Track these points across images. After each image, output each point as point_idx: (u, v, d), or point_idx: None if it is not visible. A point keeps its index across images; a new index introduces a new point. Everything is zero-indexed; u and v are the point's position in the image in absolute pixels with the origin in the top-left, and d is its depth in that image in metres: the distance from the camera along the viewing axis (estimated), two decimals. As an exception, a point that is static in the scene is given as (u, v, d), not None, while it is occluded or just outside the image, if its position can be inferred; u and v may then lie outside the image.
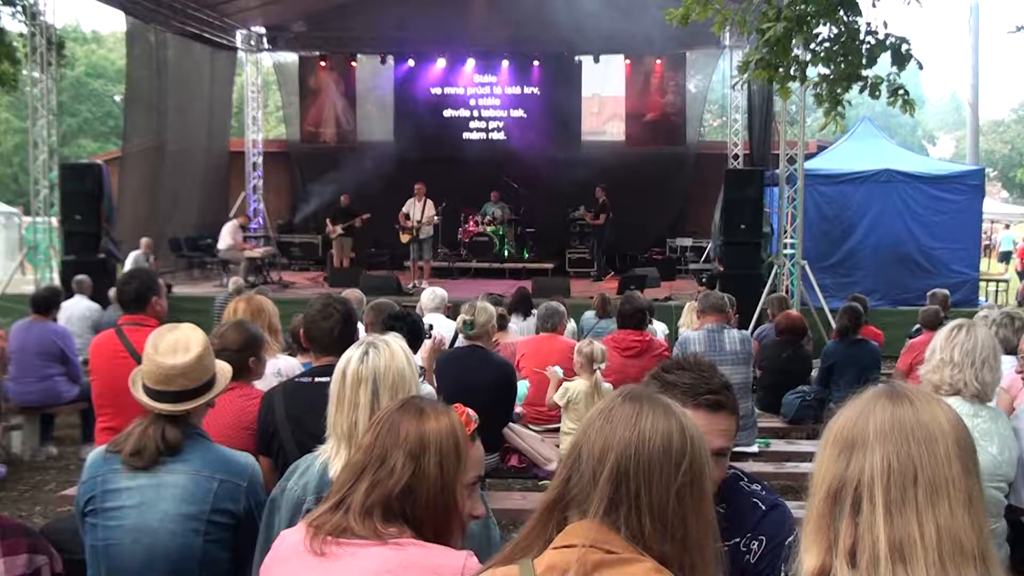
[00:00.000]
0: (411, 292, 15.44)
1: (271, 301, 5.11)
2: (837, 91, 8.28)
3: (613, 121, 22.27)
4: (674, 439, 1.64)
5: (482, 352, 5.86)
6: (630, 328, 6.95)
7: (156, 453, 2.98)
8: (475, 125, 21.64)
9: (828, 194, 14.94)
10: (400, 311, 5.53)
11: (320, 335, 3.85)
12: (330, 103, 22.17)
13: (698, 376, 2.30)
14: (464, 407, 2.10)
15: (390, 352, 2.73)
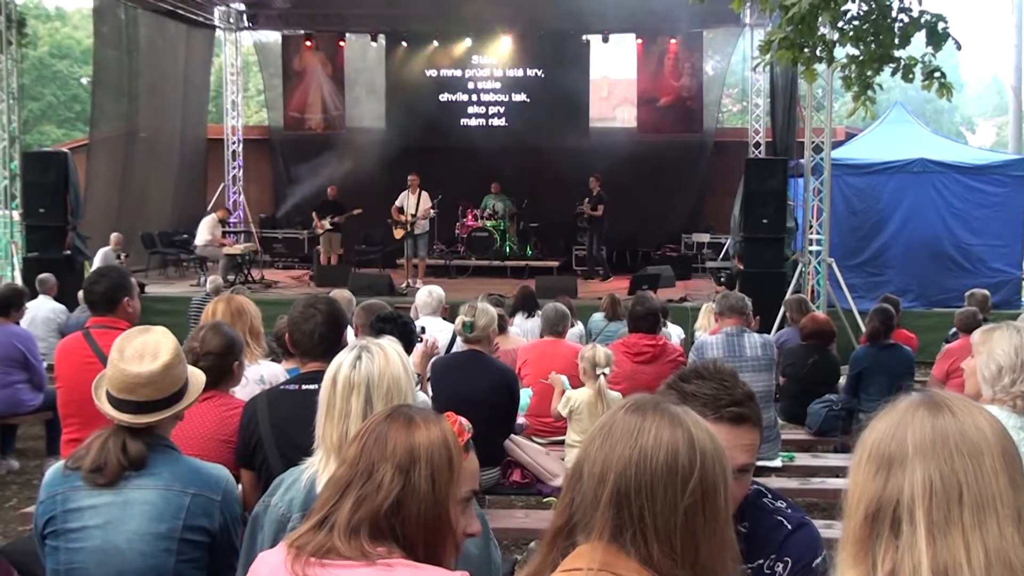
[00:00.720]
0: (404, 292, 15.47)
1: (252, 302, 5.12)
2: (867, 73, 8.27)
3: (624, 106, 22.27)
4: (680, 454, 1.62)
5: (482, 357, 5.87)
6: (642, 331, 6.95)
7: (119, 468, 2.96)
8: (474, 110, 21.66)
9: (857, 186, 14.95)
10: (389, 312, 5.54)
11: (302, 339, 3.86)
12: (316, 86, 22.20)
13: (719, 386, 2.30)
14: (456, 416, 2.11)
15: (385, 357, 2.74)
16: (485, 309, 5.88)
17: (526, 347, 7.69)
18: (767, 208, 13.68)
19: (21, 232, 14.93)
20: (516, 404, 6.07)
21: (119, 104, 18.71)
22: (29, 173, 14.64)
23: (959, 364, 7.64)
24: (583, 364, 6.11)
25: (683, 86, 21.21)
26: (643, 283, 14.69)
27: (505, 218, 19.62)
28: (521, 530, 5.41)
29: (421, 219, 16.66)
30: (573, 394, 6.16)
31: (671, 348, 7.06)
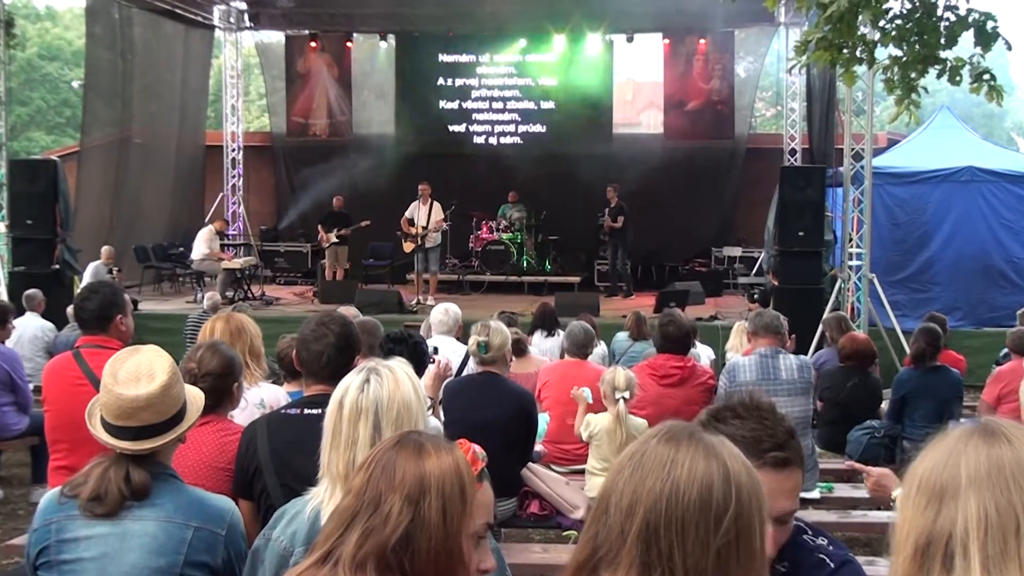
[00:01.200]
0: (415, 309, 15.51)
1: (253, 320, 5.14)
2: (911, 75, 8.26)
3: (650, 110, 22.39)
4: (715, 488, 1.60)
5: (497, 380, 5.88)
6: (670, 352, 6.93)
7: (120, 499, 2.95)
8: (489, 115, 21.74)
9: (900, 196, 14.90)
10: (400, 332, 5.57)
11: (310, 359, 3.85)
12: (321, 90, 22.33)
13: (759, 426, 2.27)
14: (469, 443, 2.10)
15: (395, 380, 2.74)
16: (499, 328, 5.89)
17: (547, 368, 7.69)
18: (803, 220, 13.65)
19: (7, 245, 14.97)
20: (534, 430, 6.06)
21: (112, 109, 18.82)
22: (16, 182, 14.69)
23: (1012, 388, 7.62)
24: (603, 387, 6.16)
25: (713, 89, 21.22)
26: (670, 300, 14.67)
27: (523, 230, 19.65)
28: (539, 566, 5.38)
29: (432, 231, 16.69)
30: (593, 418, 6.17)
31: (700, 370, 7.03)
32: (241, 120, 22.52)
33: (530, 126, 21.52)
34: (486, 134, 21.64)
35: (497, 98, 21.74)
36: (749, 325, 6.89)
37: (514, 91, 21.67)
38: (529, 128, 21.51)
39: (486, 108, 21.75)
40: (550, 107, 21.41)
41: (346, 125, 22.36)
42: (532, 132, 21.45)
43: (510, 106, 21.70)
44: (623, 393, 6.03)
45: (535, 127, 21.45)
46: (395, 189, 18.77)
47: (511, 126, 21.68)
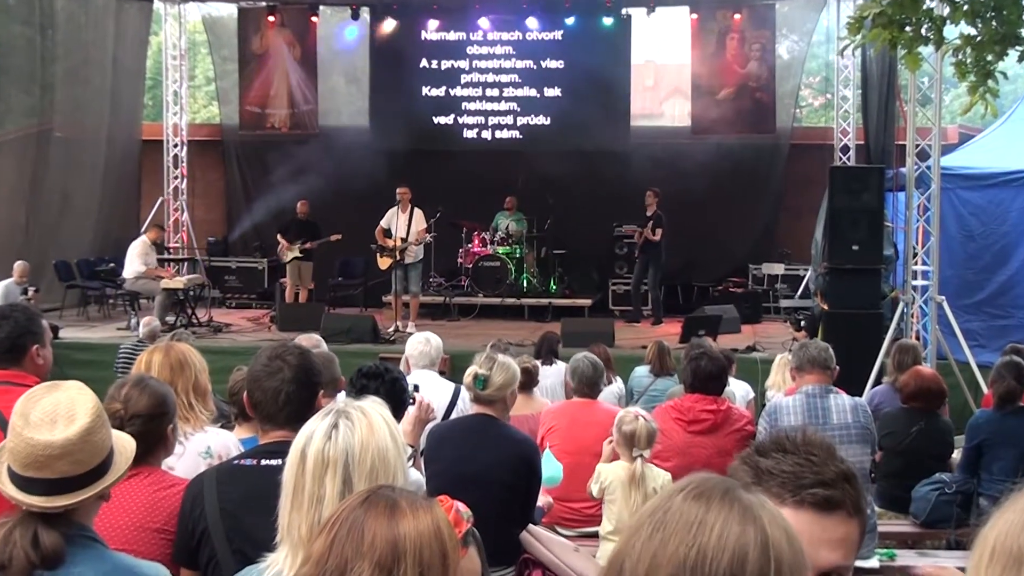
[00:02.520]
0: (392, 338, 15.56)
1: (197, 351, 5.14)
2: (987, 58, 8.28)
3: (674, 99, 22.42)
4: (750, 560, 1.56)
5: (494, 424, 5.87)
6: (700, 392, 6.93)
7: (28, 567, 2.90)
8: (483, 105, 21.76)
9: (975, 202, 14.90)
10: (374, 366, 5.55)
11: (264, 399, 3.84)
12: (281, 74, 22.38)
13: (804, 461, 2.24)
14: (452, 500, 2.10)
15: (368, 424, 2.74)
16: (507, 364, 5.87)
17: (552, 411, 7.73)
18: (858, 231, 13.67)
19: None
20: (536, 485, 6.05)
21: (28, 96, 18.84)
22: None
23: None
24: (617, 435, 6.17)
25: (750, 74, 21.27)
26: (699, 327, 14.70)
27: (522, 243, 19.70)
28: (540, 648, 5.38)
29: (414, 244, 16.70)
30: (606, 468, 6.15)
31: (736, 414, 7.02)
32: (185, 110, 22.50)
33: (531, 118, 21.54)
34: (478, 127, 21.68)
35: (492, 84, 21.77)
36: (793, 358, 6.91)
37: (512, 75, 21.71)
38: (530, 120, 21.54)
39: (478, 96, 21.78)
40: (555, 95, 21.43)
41: (311, 116, 22.40)
42: (534, 125, 21.50)
43: (507, 94, 21.73)
44: (643, 451, 6.06)
45: (537, 119, 21.48)
46: (369, 193, 18.77)
47: (508, 118, 21.72)
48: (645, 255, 18.40)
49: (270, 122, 22.53)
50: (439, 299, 19.22)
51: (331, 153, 20.81)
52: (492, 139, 21.55)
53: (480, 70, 21.78)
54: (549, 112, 21.41)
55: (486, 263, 19.32)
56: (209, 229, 22.50)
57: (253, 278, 20.95)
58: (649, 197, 18.24)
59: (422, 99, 21.61)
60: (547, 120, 21.41)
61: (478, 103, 21.80)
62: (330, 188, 19.99)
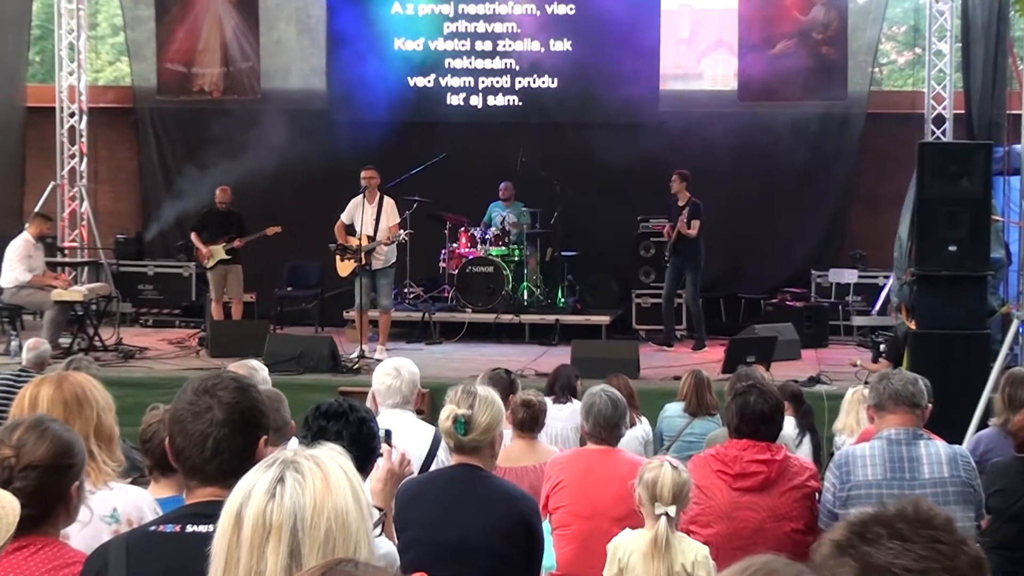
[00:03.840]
0: (355, 366, 15.57)
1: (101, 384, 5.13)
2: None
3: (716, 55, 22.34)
4: None
5: (482, 478, 5.89)
6: (748, 437, 6.93)
7: None
8: (471, 64, 21.70)
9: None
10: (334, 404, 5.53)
11: (188, 447, 3.81)
12: (212, 21, 22.33)
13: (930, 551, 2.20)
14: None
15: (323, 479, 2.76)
16: (488, 399, 5.84)
17: (559, 461, 7.64)
18: (957, 227, 13.61)
19: None
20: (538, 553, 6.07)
21: None
22: None
23: None
24: (639, 490, 6.08)
25: (815, 21, 21.23)
26: (748, 353, 14.68)
27: (522, 242, 19.69)
28: None
29: (384, 244, 16.65)
30: (623, 541, 6.12)
31: (796, 466, 6.99)
32: (84, 69, 22.44)
33: (534, 80, 21.46)
34: (466, 92, 21.61)
35: (483, 35, 21.70)
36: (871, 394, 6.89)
37: (509, 24, 21.63)
38: (532, 83, 21.47)
39: (466, 51, 21.72)
40: (565, 49, 21.37)
41: (251, 76, 22.36)
42: (537, 89, 21.44)
43: (503, 47, 21.68)
44: (668, 508, 5.99)
45: (542, 81, 21.41)
46: (325, 177, 18.81)
47: (505, 79, 21.64)
48: (679, 258, 18.28)
49: (198, 84, 22.48)
50: (416, 315, 19.20)
51: (277, 125, 20.77)
52: (483, 107, 21.47)
53: (468, 17, 21.68)
54: (557, 72, 21.32)
55: (476, 268, 19.32)
56: (118, 224, 22.48)
57: (176, 288, 20.89)
58: (675, 182, 18.16)
59: (394, 55, 21.55)
60: (554, 82, 21.32)
61: (466, 60, 21.70)
62: (275, 170, 19.94)
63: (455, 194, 19.67)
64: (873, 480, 6.38)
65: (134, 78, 23.43)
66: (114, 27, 27.59)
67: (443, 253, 19.82)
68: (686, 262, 18.23)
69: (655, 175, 19.01)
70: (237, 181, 19.48)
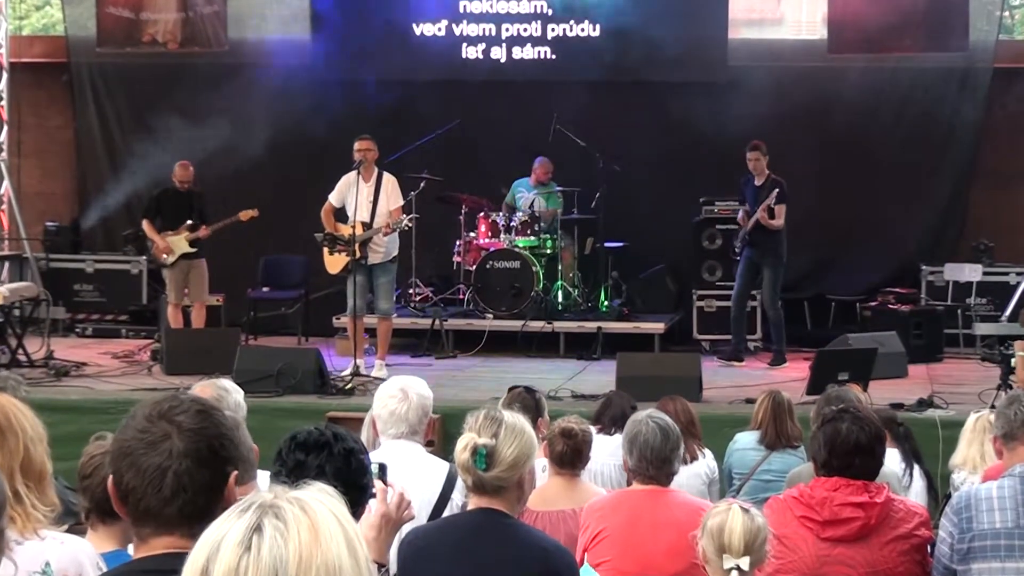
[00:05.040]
0: (347, 385, 15.61)
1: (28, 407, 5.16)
2: None
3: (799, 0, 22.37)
4: None
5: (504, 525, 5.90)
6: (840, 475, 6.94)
7: None
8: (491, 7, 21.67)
9: None
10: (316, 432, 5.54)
11: (140, 487, 3.75)
12: (164, -40, 22.44)
13: None
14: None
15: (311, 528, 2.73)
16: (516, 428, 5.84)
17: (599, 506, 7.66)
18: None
19: None
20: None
21: None
22: None
23: None
24: (703, 542, 6.06)
25: (922, -40, 21.30)
26: (839, 369, 14.65)
27: (555, 231, 19.78)
28: None
29: (384, 233, 16.66)
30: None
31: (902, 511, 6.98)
32: (5, 15, 22.64)
33: (571, 27, 21.47)
34: (486, 42, 21.62)
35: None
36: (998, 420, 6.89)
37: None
38: (569, 31, 21.48)
39: None
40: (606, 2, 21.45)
41: (216, 23, 22.39)
42: (575, 39, 21.43)
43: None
44: (739, 561, 5.97)
45: (580, 29, 21.42)
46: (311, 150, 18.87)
47: (534, 25, 21.62)
48: (755, 251, 18.24)
49: (149, 34, 22.53)
50: (424, 322, 19.23)
51: (249, 84, 20.89)
52: (507, 61, 21.45)
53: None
54: (598, 18, 21.31)
55: (499, 264, 19.38)
56: (48, 208, 22.60)
57: (122, 289, 21.00)
58: (753, 157, 18.03)
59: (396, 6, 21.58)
60: (595, 30, 21.29)
61: (485, 3, 21.78)
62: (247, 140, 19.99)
63: (472, 171, 19.69)
64: (1002, 528, 6.37)
65: (67, 25, 23.47)
66: (42, -36, 27.82)
67: (458, 244, 19.90)
68: (764, 256, 18.16)
69: (723, 147, 19.07)
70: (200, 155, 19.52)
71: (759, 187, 17.97)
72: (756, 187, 18.02)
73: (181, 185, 18.63)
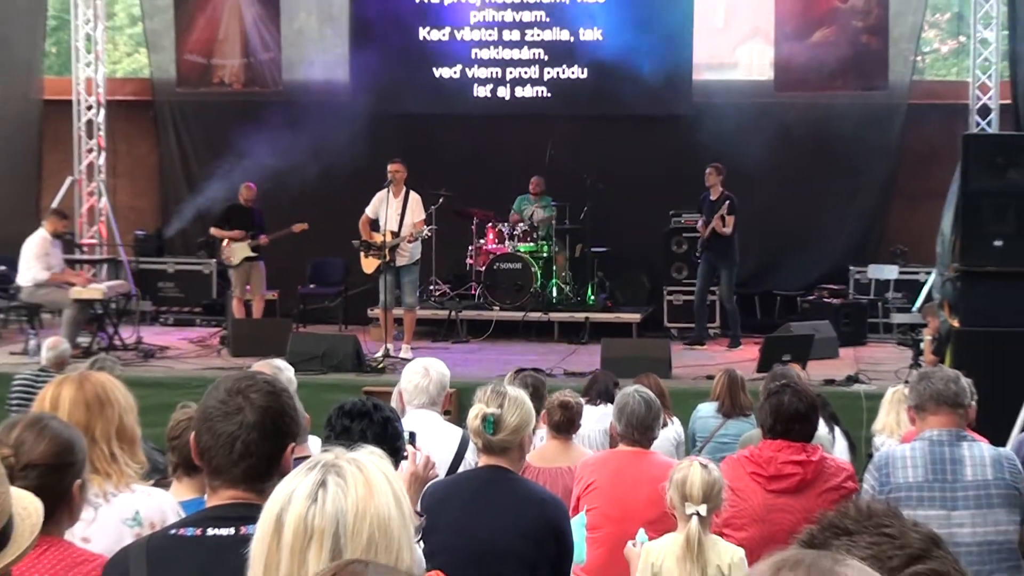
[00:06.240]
0: (379, 365, 15.64)
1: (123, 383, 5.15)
2: None
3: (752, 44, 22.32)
4: None
5: (507, 479, 5.93)
6: (784, 438, 6.95)
7: None
8: (499, 54, 21.68)
9: None
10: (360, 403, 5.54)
11: (215, 447, 3.76)
12: (232, 9, 22.30)
13: (880, 537, 2.29)
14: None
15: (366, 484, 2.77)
16: (519, 400, 5.88)
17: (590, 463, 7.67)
18: (1004, 221, 13.54)
19: None
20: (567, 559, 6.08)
21: None
22: None
23: None
24: (670, 492, 6.10)
25: (855, 10, 21.14)
26: (782, 351, 14.67)
27: (550, 238, 19.75)
28: None
29: (409, 240, 16.67)
30: (656, 548, 6.13)
31: (833, 467, 6.99)
32: (102, 60, 22.45)
33: (563, 70, 21.43)
34: (493, 83, 21.58)
35: (511, 24, 21.66)
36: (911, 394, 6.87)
37: (538, 13, 21.60)
38: (562, 73, 21.44)
39: (493, 40, 21.69)
40: (595, 39, 21.32)
41: (272, 68, 22.35)
42: (567, 80, 21.39)
43: (531, 37, 21.62)
44: (699, 508, 6.01)
45: (571, 72, 21.39)
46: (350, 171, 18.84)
47: (533, 70, 21.60)
48: (712, 254, 18.23)
49: (218, 76, 22.52)
50: (442, 314, 19.29)
51: (299, 118, 20.79)
52: (511, 98, 21.41)
53: (496, 5, 21.67)
54: (586, 62, 21.27)
55: (504, 265, 19.38)
56: (138, 220, 22.54)
57: (197, 286, 20.98)
58: (711, 175, 18.06)
59: (419, 44, 21.54)
60: (583, 73, 21.28)
61: (493, 50, 21.66)
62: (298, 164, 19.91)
63: (482, 188, 19.69)
64: (914, 482, 6.37)
65: (153, 70, 23.47)
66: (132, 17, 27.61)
67: (470, 249, 19.88)
68: (720, 259, 18.20)
69: (688, 168, 19.06)
70: (259, 176, 19.53)
71: (714, 201, 17.97)
72: (711, 201, 18.02)
73: (245, 202, 18.73)
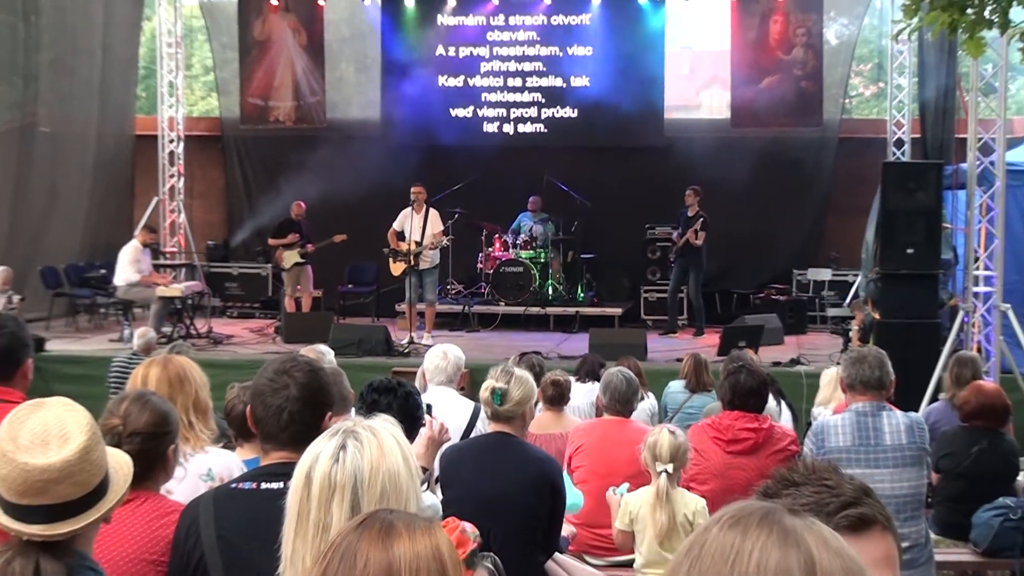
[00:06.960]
0: (406, 350, 15.65)
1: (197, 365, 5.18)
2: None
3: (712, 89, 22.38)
4: None
5: (513, 443, 5.92)
6: (739, 409, 6.95)
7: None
8: (504, 97, 21.76)
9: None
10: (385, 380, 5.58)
11: (266, 417, 3.85)
12: (286, 62, 22.40)
13: (820, 488, 2.31)
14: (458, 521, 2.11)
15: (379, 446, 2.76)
16: (524, 378, 5.94)
17: (580, 429, 7.81)
18: (914, 233, 13.58)
19: None
20: (561, 508, 6.08)
21: (10, 88, 18.82)
22: None
23: None
24: (644, 453, 6.28)
25: (796, 60, 21.18)
26: (739, 339, 14.70)
27: (547, 247, 19.75)
28: None
29: (429, 248, 16.68)
30: (634, 499, 6.17)
31: (780, 433, 7.05)
32: (182, 102, 22.47)
33: (557, 110, 21.51)
34: (499, 120, 21.65)
35: (514, 73, 21.73)
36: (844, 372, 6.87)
37: (536, 64, 21.65)
38: (556, 113, 21.51)
39: (499, 87, 21.76)
40: (583, 85, 21.36)
41: (318, 108, 22.43)
42: (560, 118, 21.46)
43: (531, 83, 21.70)
44: (666, 466, 6.09)
45: (564, 111, 21.44)
46: (381, 192, 18.80)
47: (532, 110, 21.68)
48: (684, 260, 18.30)
49: (274, 115, 22.59)
50: (457, 308, 19.32)
51: (340, 149, 20.88)
52: (514, 133, 21.50)
53: (501, 57, 21.73)
54: (576, 104, 21.34)
55: (508, 269, 19.36)
56: (208, 232, 22.63)
57: (256, 285, 21.09)
58: (689, 196, 18.14)
59: (438, 90, 21.62)
60: (574, 112, 21.35)
61: (499, 94, 21.77)
62: (338, 187, 19.94)
63: (490, 206, 19.67)
64: (844, 446, 6.41)
65: (222, 110, 23.66)
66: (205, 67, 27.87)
67: (480, 256, 19.93)
68: (691, 264, 18.25)
69: (660, 190, 19.28)
70: (306, 196, 19.61)
71: (690, 217, 18.01)
72: (688, 216, 18.06)
73: (296, 217, 18.91)
